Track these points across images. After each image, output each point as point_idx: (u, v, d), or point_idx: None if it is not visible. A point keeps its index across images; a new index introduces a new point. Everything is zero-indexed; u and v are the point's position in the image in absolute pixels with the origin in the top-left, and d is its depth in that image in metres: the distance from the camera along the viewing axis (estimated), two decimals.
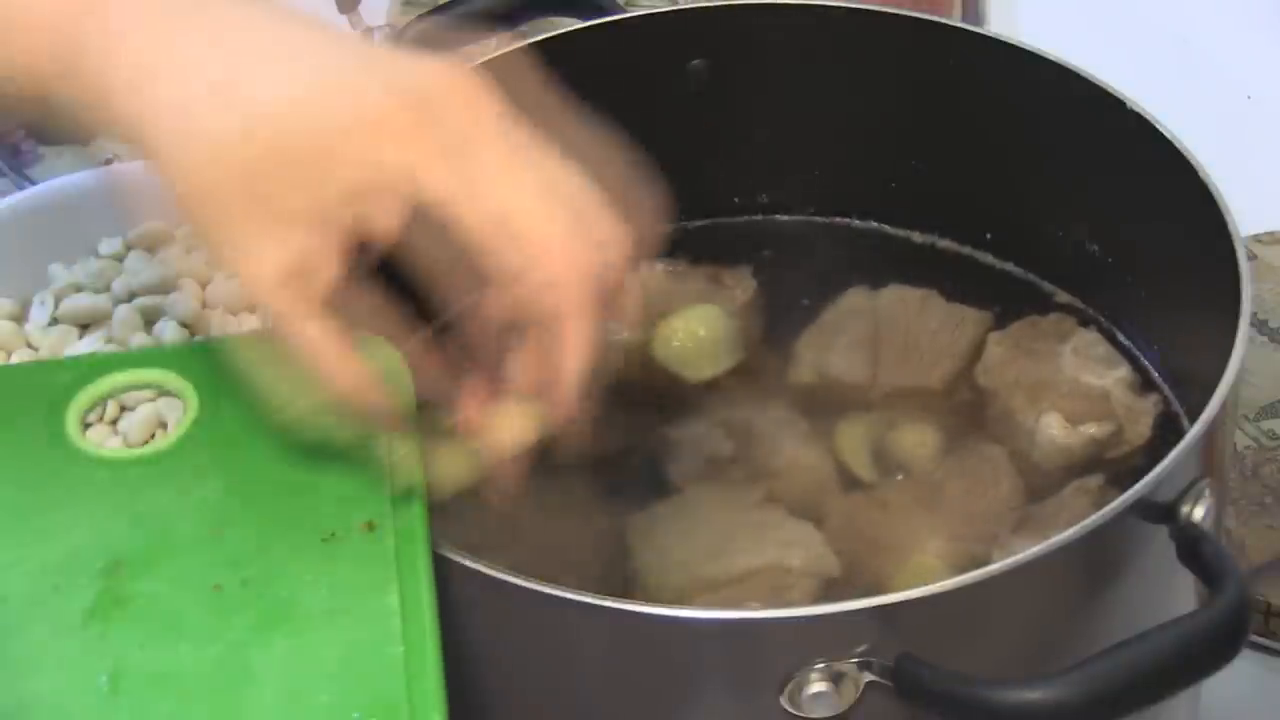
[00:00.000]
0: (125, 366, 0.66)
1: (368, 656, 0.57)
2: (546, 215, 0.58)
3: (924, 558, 0.69)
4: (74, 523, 0.61)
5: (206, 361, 0.65)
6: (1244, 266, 0.67)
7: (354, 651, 0.58)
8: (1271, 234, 0.95)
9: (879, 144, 0.80)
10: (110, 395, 0.66)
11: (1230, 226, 0.68)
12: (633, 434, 0.74)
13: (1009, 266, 0.80)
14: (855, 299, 0.78)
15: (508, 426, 0.63)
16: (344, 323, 0.60)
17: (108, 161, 0.98)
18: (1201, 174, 0.70)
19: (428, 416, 0.63)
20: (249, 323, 0.84)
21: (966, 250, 0.81)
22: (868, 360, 0.76)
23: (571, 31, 0.78)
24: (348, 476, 0.62)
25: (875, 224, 0.82)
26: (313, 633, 0.58)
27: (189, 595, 0.59)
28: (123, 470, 0.63)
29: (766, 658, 0.59)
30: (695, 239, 0.81)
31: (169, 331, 0.83)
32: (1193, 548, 0.62)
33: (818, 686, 0.58)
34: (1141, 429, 0.73)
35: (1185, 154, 0.71)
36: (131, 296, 0.85)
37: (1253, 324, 0.74)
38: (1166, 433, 0.73)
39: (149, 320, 0.84)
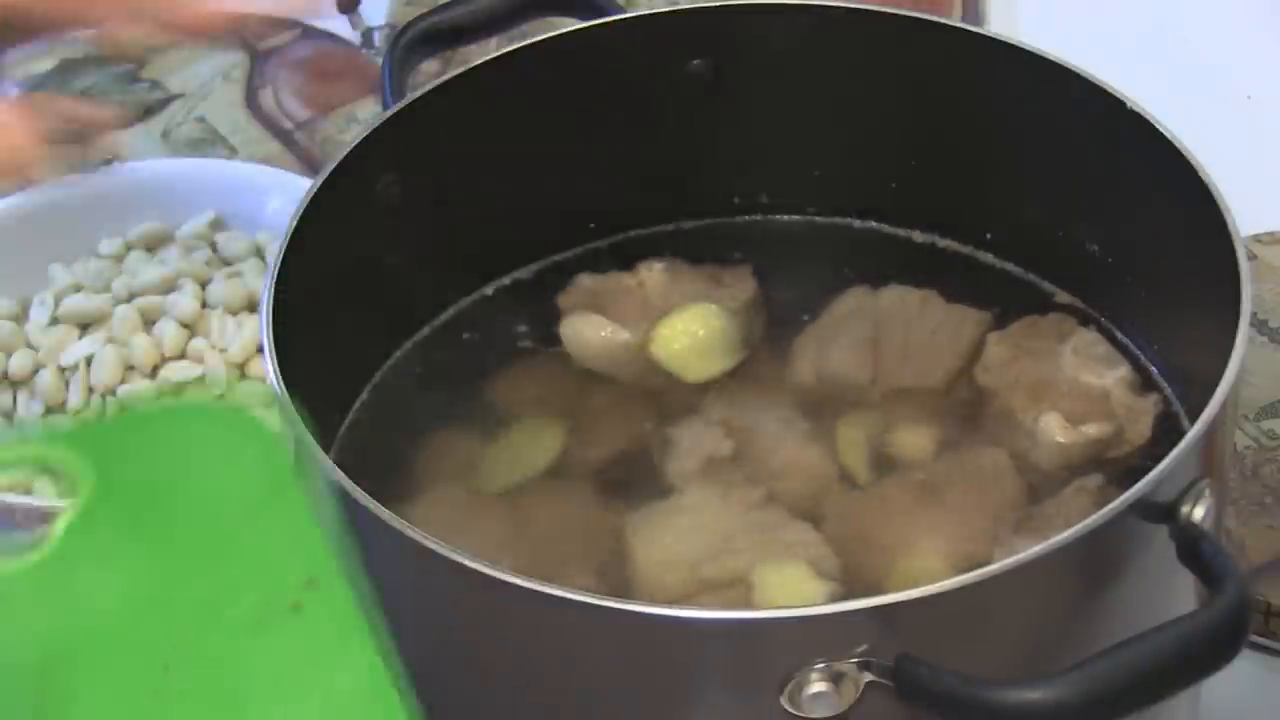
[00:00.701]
0: (9, 450, 0.63)
1: None
2: None
3: (924, 558, 0.69)
4: None
5: (95, 437, 0.63)
6: (1244, 266, 0.67)
7: None
8: (1271, 234, 0.95)
9: (879, 144, 0.80)
10: None
11: (1230, 226, 0.68)
12: (632, 434, 0.74)
13: (1009, 266, 0.80)
14: (855, 299, 0.78)
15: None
16: None
17: (108, 161, 0.99)
18: (1201, 174, 0.70)
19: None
20: (249, 324, 0.83)
21: (966, 250, 0.81)
22: (868, 360, 0.76)
23: (571, 31, 0.78)
24: (269, 547, 0.60)
25: (875, 224, 0.82)
26: (263, 714, 0.57)
27: (130, 684, 0.57)
28: (20, 568, 0.60)
29: (766, 658, 0.59)
30: (695, 239, 0.81)
31: (169, 331, 0.83)
32: (1193, 548, 0.61)
33: (818, 686, 0.58)
34: (1141, 429, 0.73)
35: (1185, 154, 0.70)
36: (131, 296, 0.85)
37: (1253, 324, 0.74)
38: (1167, 432, 0.72)
39: (149, 320, 0.84)
